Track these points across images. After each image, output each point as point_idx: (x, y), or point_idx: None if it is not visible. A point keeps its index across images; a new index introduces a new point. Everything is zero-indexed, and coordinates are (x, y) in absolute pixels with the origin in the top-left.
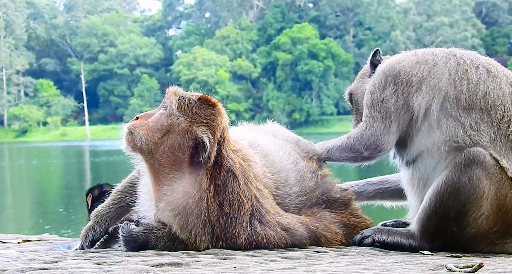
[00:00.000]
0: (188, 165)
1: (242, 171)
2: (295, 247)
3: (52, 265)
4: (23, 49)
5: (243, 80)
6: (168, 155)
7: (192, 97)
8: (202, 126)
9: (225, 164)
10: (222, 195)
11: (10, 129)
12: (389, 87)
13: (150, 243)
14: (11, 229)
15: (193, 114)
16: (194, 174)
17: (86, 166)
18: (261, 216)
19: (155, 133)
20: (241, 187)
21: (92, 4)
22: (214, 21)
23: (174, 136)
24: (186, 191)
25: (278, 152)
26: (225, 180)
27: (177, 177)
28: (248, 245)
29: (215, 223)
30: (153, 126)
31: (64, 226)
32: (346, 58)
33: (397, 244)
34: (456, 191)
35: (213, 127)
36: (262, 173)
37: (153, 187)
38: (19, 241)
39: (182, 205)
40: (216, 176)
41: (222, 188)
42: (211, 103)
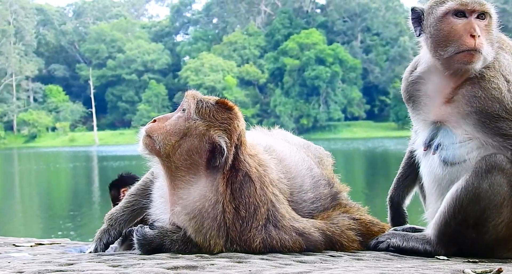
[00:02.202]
0: (204, 169)
1: (258, 175)
2: (310, 251)
3: (68, 267)
4: (32, 55)
5: (251, 85)
6: (185, 158)
7: (209, 100)
8: (219, 130)
9: (242, 168)
10: (238, 199)
11: (19, 134)
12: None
13: (165, 246)
14: (21, 233)
15: (210, 117)
16: (210, 178)
17: (94, 171)
18: (276, 221)
19: (172, 136)
20: (257, 192)
21: (100, 10)
22: (221, 27)
23: (192, 139)
24: (203, 195)
25: (293, 158)
26: (241, 184)
27: (194, 181)
28: (262, 249)
29: (231, 226)
30: (171, 129)
31: (73, 230)
32: (353, 63)
33: (412, 249)
34: (476, 197)
35: (230, 131)
36: (278, 179)
37: (169, 190)
38: (32, 244)
39: (198, 209)
40: (233, 180)
41: (239, 192)
42: (228, 106)
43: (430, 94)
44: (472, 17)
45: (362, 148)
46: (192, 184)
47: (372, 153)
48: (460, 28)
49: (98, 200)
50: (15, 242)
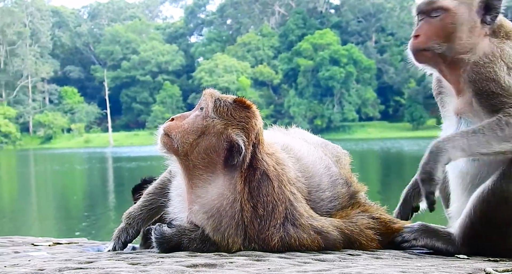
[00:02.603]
0: (222, 167)
1: (276, 174)
2: (328, 250)
3: (88, 265)
4: (48, 57)
5: (265, 86)
6: (203, 157)
7: (227, 99)
8: (236, 129)
9: (260, 167)
10: (256, 197)
11: (35, 135)
12: None
13: (183, 244)
14: (37, 233)
15: (228, 116)
16: (228, 176)
17: (109, 172)
18: (295, 219)
19: (190, 135)
20: (275, 190)
21: (115, 12)
22: (235, 28)
23: (209, 138)
24: (221, 193)
25: (311, 157)
26: (259, 182)
27: (211, 179)
28: (280, 247)
29: (249, 224)
30: (189, 127)
31: (88, 230)
32: (368, 64)
33: (434, 248)
34: (505, 200)
35: (248, 130)
36: (295, 177)
37: (187, 189)
38: (50, 243)
39: (216, 207)
40: (251, 178)
41: (257, 191)
42: (246, 105)
43: (448, 88)
44: (424, 17)
45: (376, 148)
46: (210, 183)
47: (387, 153)
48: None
49: (113, 200)
50: (33, 242)
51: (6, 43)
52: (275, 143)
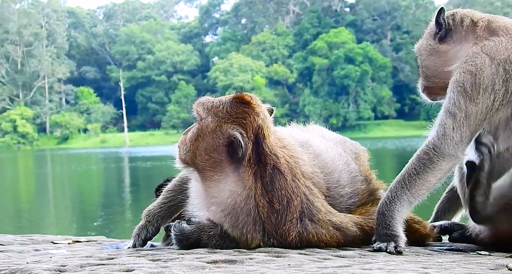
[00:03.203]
0: (228, 165)
1: (288, 167)
2: (347, 246)
3: (109, 261)
4: (64, 58)
5: (279, 85)
6: (206, 158)
7: (224, 98)
8: (232, 124)
9: (269, 162)
10: (271, 192)
11: (52, 136)
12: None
13: (202, 241)
14: (55, 232)
15: (223, 113)
16: (236, 173)
17: (125, 172)
18: (312, 215)
19: (190, 142)
20: (288, 183)
21: (130, 12)
22: (250, 27)
23: (205, 139)
24: (232, 190)
25: (330, 153)
26: (271, 177)
27: (222, 178)
28: (298, 242)
29: (266, 220)
30: (189, 136)
31: (105, 229)
32: (383, 62)
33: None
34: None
35: (245, 125)
36: (312, 172)
37: (202, 190)
38: (69, 241)
39: (231, 205)
40: (262, 174)
41: (270, 186)
42: (244, 101)
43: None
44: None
45: (392, 147)
46: (221, 182)
47: (403, 152)
48: None
49: (129, 200)
50: (53, 240)
51: (23, 44)
52: (292, 139)
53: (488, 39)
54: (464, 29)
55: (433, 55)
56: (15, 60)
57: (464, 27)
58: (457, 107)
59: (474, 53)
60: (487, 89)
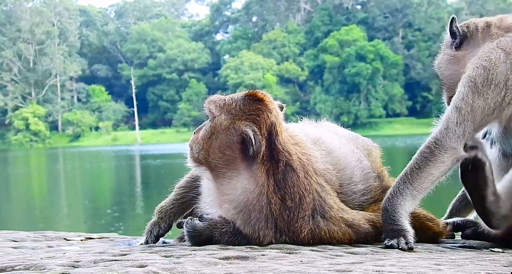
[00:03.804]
0: (241, 162)
1: (300, 164)
2: (360, 243)
3: (122, 257)
4: (76, 56)
5: (290, 83)
6: (219, 156)
7: (236, 95)
8: (245, 121)
9: (282, 158)
10: (283, 189)
11: (64, 134)
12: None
13: (214, 238)
14: (67, 229)
15: (236, 110)
16: (249, 170)
17: (137, 169)
18: (324, 212)
19: (203, 140)
20: (300, 180)
21: (141, 10)
22: (261, 25)
23: (219, 136)
24: (245, 187)
25: (342, 150)
26: (284, 174)
27: (234, 175)
28: (310, 239)
29: (278, 217)
30: (202, 135)
31: (117, 226)
32: (395, 60)
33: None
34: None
35: (259, 122)
36: (324, 169)
37: (215, 188)
38: (82, 238)
39: (243, 202)
40: (275, 171)
41: (283, 182)
42: (256, 98)
43: None
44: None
45: (404, 145)
46: (234, 179)
47: (414, 150)
48: None
49: (141, 197)
50: (65, 237)
51: (35, 43)
52: (304, 136)
53: (503, 35)
54: (479, 32)
55: (452, 63)
56: (27, 59)
57: (479, 30)
58: (464, 102)
59: (489, 49)
60: (499, 84)
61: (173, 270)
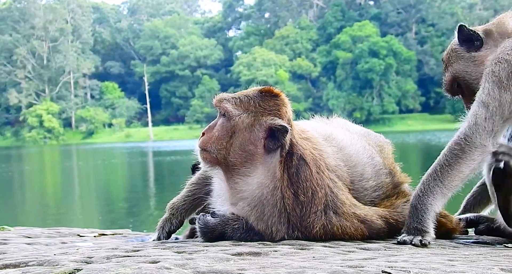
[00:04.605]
0: (261, 157)
1: (313, 159)
2: (373, 239)
3: (135, 253)
4: (89, 53)
5: (303, 79)
6: (240, 154)
7: (250, 93)
8: (269, 115)
9: (296, 152)
10: (296, 183)
11: (77, 131)
12: None
13: (226, 234)
14: (81, 226)
15: (256, 108)
16: (267, 165)
17: (150, 166)
18: (336, 207)
19: (223, 140)
20: (313, 175)
21: (154, 7)
22: (273, 21)
23: (241, 134)
24: (261, 182)
25: (354, 146)
26: (297, 168)
27: (250, 171)
28: (323, 235)
29: (291, 212)
30: (220, 134)
31: (130, 223)
32: (408, 55)
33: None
34: None
35: (281, 116)
36: (336, 165)
37: (227, 186)
38: (95, 235)
39: (257, 197)
40: (289, 164)
41: (296, 177)
42: (274, 94)
43: None
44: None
45: (417, 141)
46: (249, 175)
47: (428, 146)
48: None
49: (154, 194)
50: (79, 233)
51: (48, 40)
52: (316, 132)
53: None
54: (498, 32)
55: (475, 65)
56: (41, 56)
57: (498, 30)
58: (491, 97)
59: (510, 43)
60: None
61: (186, 266)
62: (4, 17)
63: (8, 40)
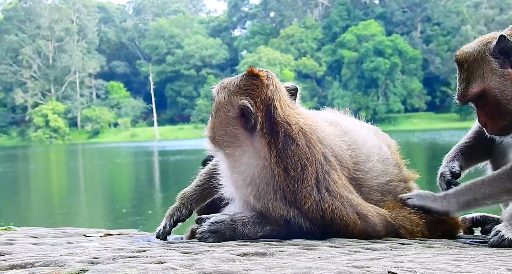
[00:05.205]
0: (244, 138)
1: (302, 132)
2: (369, 236)
3: (141, 253)
4: (95, 53)
5: (308, 79)
6: (223, 133)
7: (239, 75)
8: (241, 95)
9: (280, 129)
10: (284, 159)
11: (83, 130)
12: None
13: (237, 230)
14: (87, 225)
15: (233, 87)
16: (252, 145)
17: (155, 165)
18: (328, 185)
19: (209, 120)
20: (301, 149)
21: (159, 7)
22: (278, 21)
23: (219, 113)
24: (250, 162)
25: (360, 132)
26: (284, 144)
27: (240, 152)
28: (314, 211)
29: (285, 188)
30: (209, 115)
31: (135, 222)
32: (413, 54)
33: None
34: None
35: (253, 95)
36: (334, 144)
37: (227, 169)
38: (101, 234)
39: (250, 176)
40: (276, 142)
41: (284, 153)
42: (253, 74)
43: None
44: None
45: (423, 140)
46: (241, 156)
47: (434, 144)
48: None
49: (159, 194)
50: (85, 233)
51: (54, 40)
52: (318, 116)
53: None
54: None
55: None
56: (46, 55)
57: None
58: None
59: None
60: None
61: (192, 266)
62: (10, 17)
63: (14, 40)
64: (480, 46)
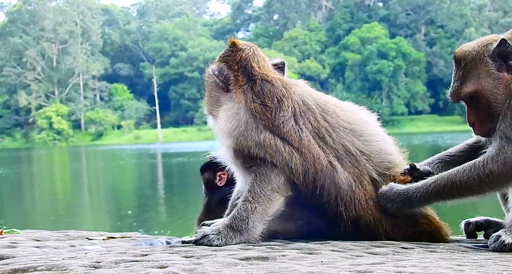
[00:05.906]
0: (226, 98)
1: (279, 80)
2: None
3: (144, 258)
4: (98, 55)
5: (312, 81)
6: (210, 100)
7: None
8: (218, 62)
9: (257, 78)
10: (261, 96)
11: (87, 132)
12: None
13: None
14: (90, 228)
15: (217, 58)
16: (230, 99)
17: (159, 168)
18: (305, 122)
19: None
20: (279, 87)
21: (163, 9)
22: (282, 23)
23: (206, 86)
24: (229, 112)
25: (356, 111)
26: (261, 85)
27: (222, 110)
28: (290, 137)
29: (262, 117)
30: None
31: (139, 224)
32: (417, 57)
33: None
34: None
35: (228, 60)
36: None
37: (217, 128)
38: (104, 237)
39: (231, 122)
40: (252, 86)
41: (261, 91)
42: (232, 43)
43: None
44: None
45: (426, 142)
46: (224, 112)
47: (437, 147)
48: None
49: (163, 196)
50: (88, 236)
51: (58, 42)
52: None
53: None
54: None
55: (503, 87)
56: (50, 58)
57: None
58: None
59: None
60: None
61: (194, 271)
62: (14, 19)
63: (18, 42)
64: (480, 47)
